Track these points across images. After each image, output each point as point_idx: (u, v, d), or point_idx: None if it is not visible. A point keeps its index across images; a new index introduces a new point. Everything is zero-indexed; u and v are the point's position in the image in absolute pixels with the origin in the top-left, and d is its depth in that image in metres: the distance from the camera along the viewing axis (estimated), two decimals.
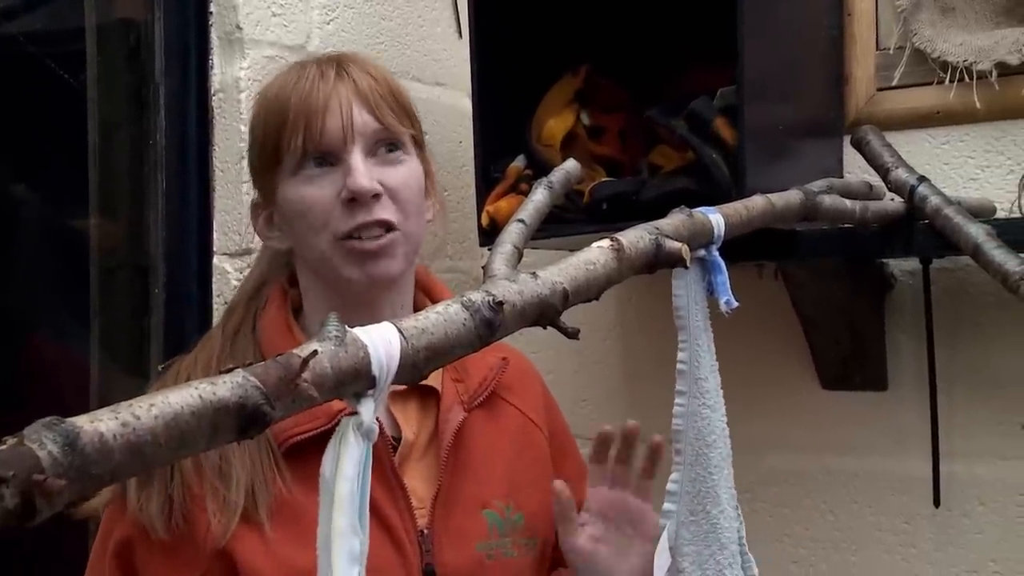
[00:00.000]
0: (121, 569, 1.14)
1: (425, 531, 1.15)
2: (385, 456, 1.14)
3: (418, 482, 1.17)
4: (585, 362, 1.89)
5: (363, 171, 1.15)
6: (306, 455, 1.11)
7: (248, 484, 1.10)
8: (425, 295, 1.28)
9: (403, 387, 1.18)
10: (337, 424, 1.06)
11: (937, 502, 1.59)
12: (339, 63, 1.20)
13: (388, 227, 1.16)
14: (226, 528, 1.08)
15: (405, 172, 1.19)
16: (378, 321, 0.70)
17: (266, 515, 1.09)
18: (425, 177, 1.24)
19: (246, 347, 1.18)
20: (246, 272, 1.54)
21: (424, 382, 1.16)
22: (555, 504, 1.20)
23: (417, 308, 1.26)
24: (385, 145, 1.19)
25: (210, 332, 1.25)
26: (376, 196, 1.16)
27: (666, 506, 1.09)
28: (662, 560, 1.07)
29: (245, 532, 1.09)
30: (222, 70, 1.57)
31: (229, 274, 1.56)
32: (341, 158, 1.16)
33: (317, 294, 1.21)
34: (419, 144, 1.24)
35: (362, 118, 1.17)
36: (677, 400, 1.07)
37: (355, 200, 1.15)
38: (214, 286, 1.56)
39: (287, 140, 1.17)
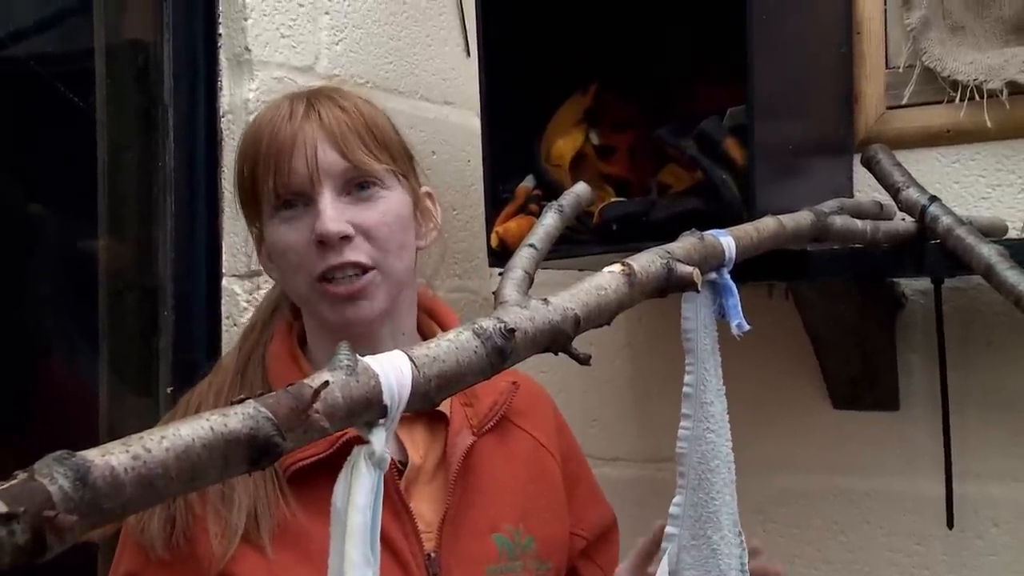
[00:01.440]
0: None
1: (432, 555, 1.14)
2: (390, 480, 1.13)
3: (425, 506, 1.17)
4: (595, 383, 1.88)
5: (330, 213, 1.13)
6: (309, 480, 1.11)
7: (250, 507, 1.10)
8: (430, 318, 1.28)
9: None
10: (339, 449, 1.08)
11: (951, 523, 1.58)
12: (309, 100, 1.18)
13: (362, 268, 1.15)
14: (226, 550, 1.08)
15: (382, 210, 1.17)
16: (378, 351, 0.70)
17: (268, 538, 1.09)
18: (416, 204, 1.22)
19: (256, 376, 1.18)
20: (256, 293, 1.54)
21: None
22: (646, 541, 1.18)
23: (422, 331, 1.26)
24: (358, 183, 1.16)
25: (224, 358, 1.26)
26: (346, 238, 1.14)
27: (668, 529, 1.08)
28: None
29: (247, 554, 1.09)
30: (231, 92, 1.58)
31: (238, 296, 1.55)
32: (312, 198, 1.15)
33: (315, 327, 1.21)
34: (405, 175, 1.21)
35: (328, 157, 1.14)
36: (682, 423, 1.07)
37: (324, 243, 1.13)
38: (223, 308, 1.56)
39: (260, 183, 1.16)
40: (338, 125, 1.15)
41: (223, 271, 1.56)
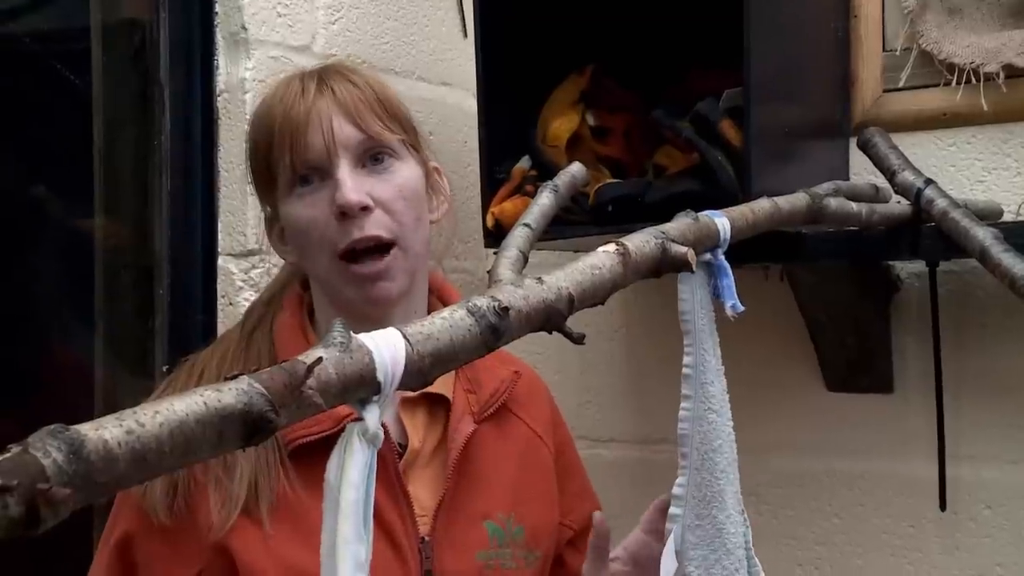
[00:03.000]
0: (121, 561, 1.15)
1: (426, 538, 1.15)
2: (390, 462, 1.14)
3: (421, 490, 1.17)
4: (590, 363, 1.88)
5: (350, 185, 1.14)
6: (311, 457, 1.11)
7: (252, 477, 1.11)
8: (440, 301, 1.28)
9: (413, 394, 1.18)
10: (343, 429, 1.08)
11: (943, 506, 1.58)
12: (321, 76, 1.19)
13: (384, 245, 1.15)
14: (226, 520, 1.09)
15: (398, 181, 1.18)
16: None
17: (267, 511, 1.10)
18: (427, 178, 1.23)
19: (262, 346, 1.19)
20: (251, 272, 1.54)
21: (436, 391, 1.17)
22: (592, 536, 1.18)
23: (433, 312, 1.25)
24: (373, 155, 1.17)
25: (229, 329, 1.26)
26: (366, 209, 1.14)
27: (672, 510, 1.08)
28: (668, 565, 1.06)
29: (245, 526, 1.10)
30: (227, 70, 1.57)
31: (234, 275, 1.55)
32: (330, 172, 1.15)
33: (326, 305, 1.21)
34: (416, 147, 1.22)
35: (344, 130, 1.15)
36: (683, 404, 1.07)
37: (346, 214, 1.14)
38: (219, 287, 1.56)
39: (276, 160, 1.17)
40: (351, 98, 1.17)
41: (219, 250, 1.57)
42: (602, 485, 1.44)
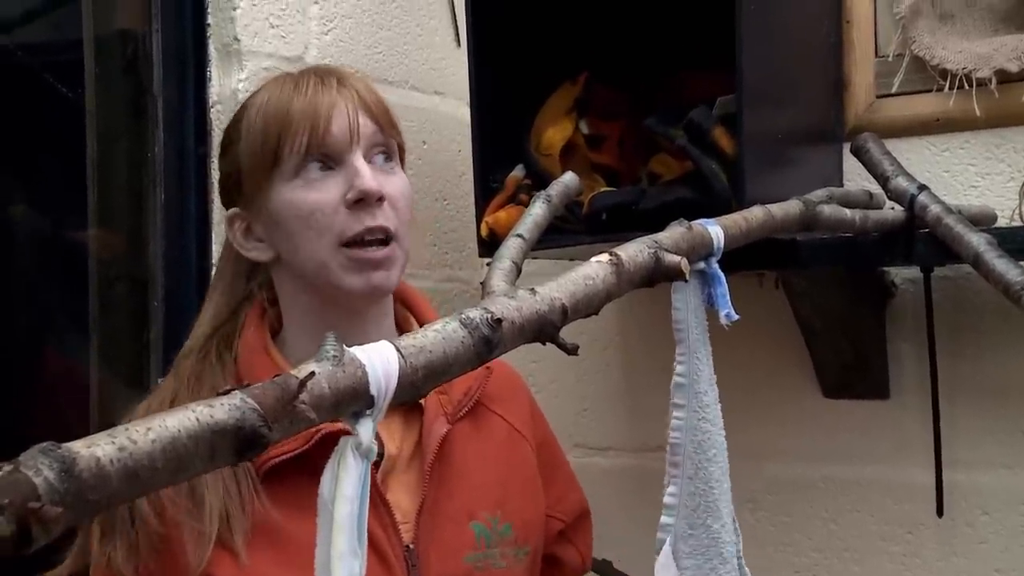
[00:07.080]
0: None
1: (411, 546, 1.14)
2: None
3: (402, 496, 1.17)
4: (586, 372, 1.88)
5: (369, 173, 1.16)
6: (283, 477, 1.10)
7: (222, 510, 1.09)
8: (405, 308, 1.28)
9: None
10: (314, 446, 1.08)
11: (940, 511, 1.58)
12: (339, 74, 1.21)
13: (389, 237, 1.17)
14: (201, 559, 1.07)
15: (400, 183, 1.21)
16: (364, 334, 0.70)
17: (242, 541, 1.08)
18: None
19: (216, 376, 1.16)
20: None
21: None
22: None
23: (398, 320, 1.26)
24: (381, 154, 1.20)
25: (181, 354, 1.23)
26: (381, 199, 1.16)
27: (664, 519, 1.08)
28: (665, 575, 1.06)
29: (222, 558, 1.08)
30: (220, 82, 1.57)
31: None
32: (344, 161, 1.17)
33: (302, 308, 1.20)
34: (402, 158, 1.26)
35: (365, 123, 1.18)
36: (675, 414, 1.07)
37: (362, 201, 1.15)
38: None
39: (289, 143, 1.16)
40: (369, 96, 1.20)
41: (213, 262, 1.56)
42: (599, 493, 1.44)
